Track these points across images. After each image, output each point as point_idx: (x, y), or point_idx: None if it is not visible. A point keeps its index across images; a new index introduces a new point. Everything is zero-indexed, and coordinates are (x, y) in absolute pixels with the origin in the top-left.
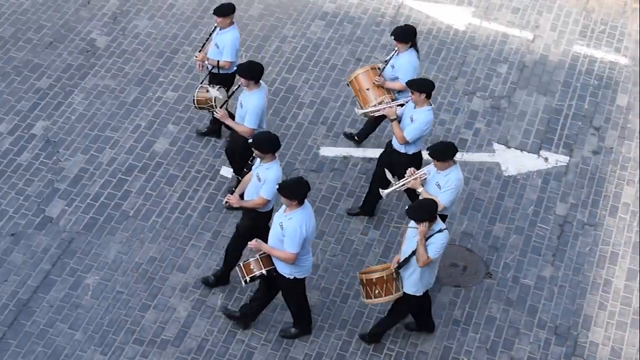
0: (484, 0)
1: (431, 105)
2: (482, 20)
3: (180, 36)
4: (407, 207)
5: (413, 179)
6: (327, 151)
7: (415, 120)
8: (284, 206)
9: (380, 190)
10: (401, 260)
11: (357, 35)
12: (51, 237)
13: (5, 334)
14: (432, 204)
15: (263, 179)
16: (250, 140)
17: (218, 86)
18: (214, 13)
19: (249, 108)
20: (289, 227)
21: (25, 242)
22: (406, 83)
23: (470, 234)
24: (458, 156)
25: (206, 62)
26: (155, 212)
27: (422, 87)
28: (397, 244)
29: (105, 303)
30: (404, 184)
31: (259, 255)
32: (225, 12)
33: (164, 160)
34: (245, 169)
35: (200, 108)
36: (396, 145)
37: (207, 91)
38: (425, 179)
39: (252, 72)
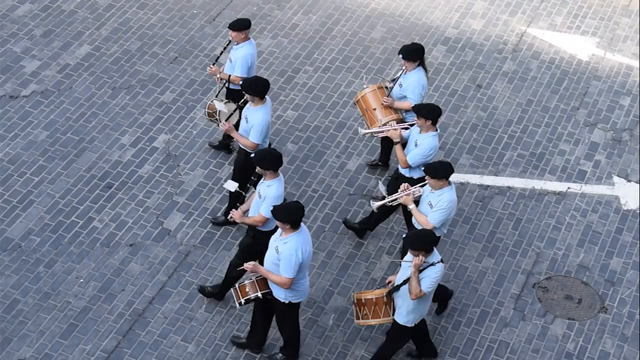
0: (609, 31)
1: (437, 130)
2: (606, 51)
3: (302, 56)
4: (404, 235)
5: (405, 195)
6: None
7: (419, 146)
8: (280, 229)
9: (371, 201)
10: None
11: (479, 61)
12: (168, 249)
13: (120, 342)
14: (430, 234)
15: (263, 196)
16: (251, 156)
17: (226, 100)
18: (229, 27)
19: (254, 123)
20: (284, 252)
21: (143, 253)
22: (413, 108)
23: (587, 266)
24: (576, 188)
25: (218, 75)
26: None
27: (428, 114)
28: (512, 274)
29: (218, 317)
30: (395, 199)
31: (255, 277)
32: (239, 27)
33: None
34: (248, 185)
35: (210, 119)
36: (401, 169)
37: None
38: (418, 196)
39: (257, 87)
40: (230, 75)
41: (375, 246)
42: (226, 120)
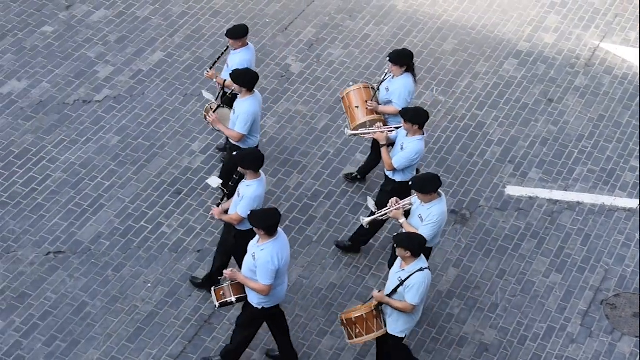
0: None
1: (423, 134)
2: None
3: (373, 67)
4: (394, 235)
5: (395, 209)
6: (513, 190)
7: (405, 149)
8: (257, 236)
9: (362, 218)
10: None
11: (550, 75)
12: None
13: (186, 348)
14: (421, 238)
15: (242, 195)
16: (234, 154)
17: (220, 105)
18: (225, 34)
19: (240, 113)
20: (261, 259)
21: (210, 260)
22: (400, 112)
23: None
24: None
25: (215, 80)
26: (338, 239)
27: (414, 118)
28: (580, 290)
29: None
30: (385, 213)
31: (231, 282)
32: (235, 34)
33: (349, 188)
34: (230, 183)
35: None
36: (386, 171)
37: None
38: (408, 209)
39: (245, 79)
40: (225, 80)
41: (443, 258)
42: (214, 112)
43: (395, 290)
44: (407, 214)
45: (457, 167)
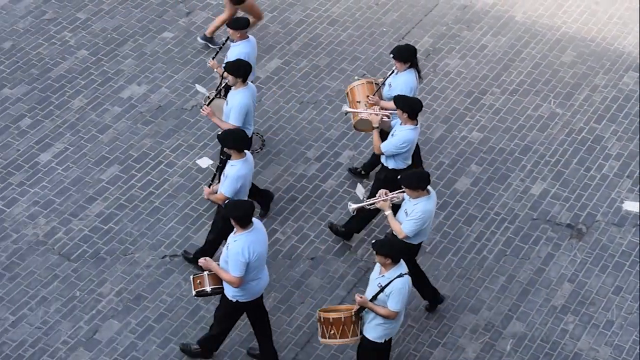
0: None
1: (416, 125)
2: None
3: (489, 77)
4: (374, 242)
5: (382, 200)
6: (630, 206)
7: (394, 136)
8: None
9: (349, 204)
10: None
11: None
12: (349, 264)
13: (298, 354)
14: (400, 244)
15: (226, 175)
16: (218, 134)
17: (215, 95)
18: (227, 25)
19: (233, 105)
20: (232, 250)
21: (323, 267)
22: (393, 98)
23: None
24: None
25: (216, 70)
26: (451, 251)
27: (404, 105)
28: None
29: (395, 336)
30: (373, 203)
31: (209, 272)
32: (235, 25)
33: (464, 199)
34: (219, 164)
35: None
36: (382, 158)
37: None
38: (396, 202)
39: (240, 69)
40: (224, 71)
41: (557, 272)
42: (208, 105)
43: (375, 297)
44: (396, 209)
45: (573, 180)
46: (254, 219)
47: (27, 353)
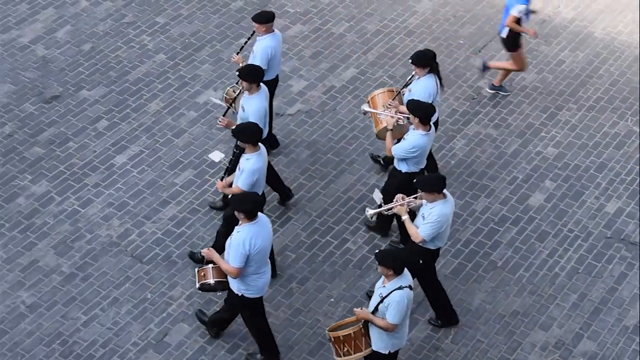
0: None
1: (428, 131)
2: None
3: (566, 93)
4: (376, 252)
5: (399, 205)
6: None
7: (405, 140)
8: None
9: (367, 209)
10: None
11: None
12: None
13: None
14: (403, 256)
15: (242, 168)
16: (232, 128)
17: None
18: (252, 18)
19: (250, 112)
20: (234, 240)
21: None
22: (407, 103)
23: None
24: None
25: (241, 65)
26: (523, 266)
27: (416, 110)
28: None
29: (464, 349)
30: (390, 208)
31: (213, 264)
32: (260, 19)
33: (537, 215)
34: (232, 157)
35: (226, 103)
36: (395, 162)
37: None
38: (413, 207)
39: (254, 75)
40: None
41: (630, 292)
42: (223, 115)
43: (376, 308)
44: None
45: None
46: (261, 214)
47: (98, 353)
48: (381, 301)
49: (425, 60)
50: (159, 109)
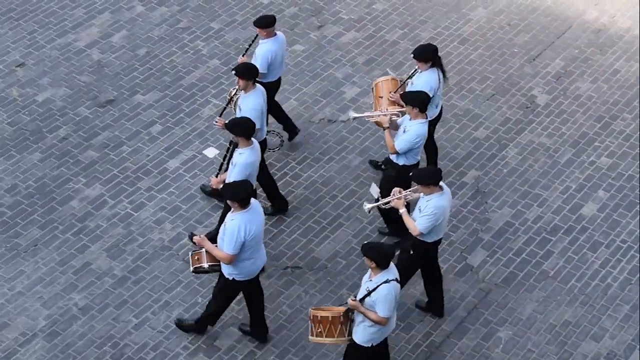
0: None
1: (426, 119)
2: None
3: (621, 103)
4: (363, 244)
5: (397, 199)
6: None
7: (406, 132)
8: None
9: (364, 204)
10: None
11: None
12: (470, 285)
13: None
14: (388, 249)
15: (234, 163)
16: (226, 122)
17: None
18: (253, 23)
19: (247, 110)
20: (229, 228)
21: (444, 287)
22: (400, 95)
23: None
24: None
25: None
26: (575, 276)
27: (413, 101)
28: None
29: (515, 359)
30: (388, 202)
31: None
32: (261, 23)
33: (590, 225)
34: (226, 153)
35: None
36: (391, 155)
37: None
38: (410, 199)
39: (250, 72)
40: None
41: None
42: (220, 116)
43: (362, 300)
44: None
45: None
46: (253, 200)
47: (149, 356)
48: (368, 294)
49: (428, 55)
50: (212, 114)
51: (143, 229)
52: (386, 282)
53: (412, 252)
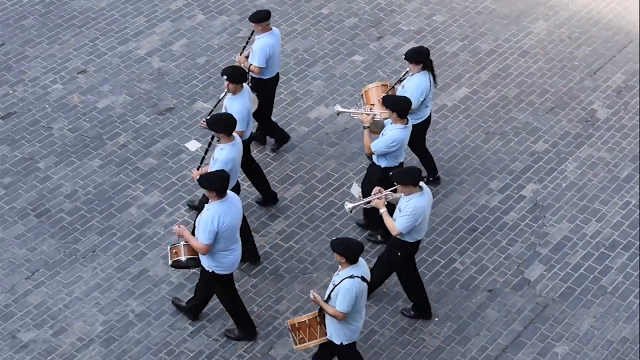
0: None
1: (406, 125)
2: None
3: None
4: (332, 239)
5: (377, 198)
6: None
7: (384, 135)
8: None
9: (345, 204)
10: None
11: None
12: (527, 299)
13: None
14: (356, 244)
15: (215, 158)
16: (206, 118)
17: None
18: (249, 19)
19: (232, 112)
20: (203, 217)
21: (500, 300)
22: (382, 99)
23: None
24: None
25: (242, 65)
26: (633, 292)
27: (393, 105)
28: None
29: None
30: (368, 201)
31: (185, 242)
32: (256, 18)
33: None
34: (207, 147)
35: None
36: (373, 157)
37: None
38: (391, 199)
39: (239, 75)
40: (250, 65)
41: None
42: (206, 119)
43: (329, 296)
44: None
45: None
46: (230, 192)
47: None
48: (333, 289)
49: (419, 57)
50: None
51: None
52: (350, 277)
53: (399, 254)
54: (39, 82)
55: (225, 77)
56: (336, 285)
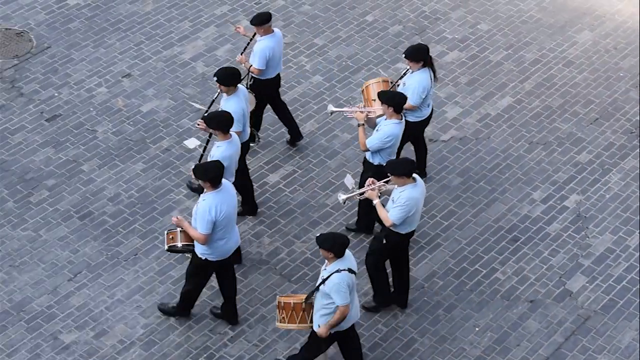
0: None
1: (401, 120)
2: None
3: None
4: (317, 235)
5: (370, 189)
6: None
7: (379, 131)
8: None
9: (338, 195)
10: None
11: None
12: (568, 310)
13: None
14: (342, 238)
15: (212, 155)
16: (204, 115)
17: (249, 90)
18: (250, 22)
19: (231, 113)
20: (200, 208)
21: (541, 311)
22: (377, 94)
23: None
24: None
25: (243, 65)
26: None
27: (389, 100)
28: None
29: None
30: (362, 193)
31: (182, 229)
32: (257, 21)
33: None
34: (205, 144)
35: None
36: (367, 154)
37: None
38: (384, 191)
39: (231, 78)
40: (251, 66)
41: None
42: (202, 119)
43: (317, 289)
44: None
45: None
46: (225, 181)
47: None
48: (322, 283)
49: (419, 55)
50: (314, 129)
51: (242, 242)
52: (337, 271)
53: (384, 242)
54: (84, 85)
55: (215, 78)
56: (325, 279)
